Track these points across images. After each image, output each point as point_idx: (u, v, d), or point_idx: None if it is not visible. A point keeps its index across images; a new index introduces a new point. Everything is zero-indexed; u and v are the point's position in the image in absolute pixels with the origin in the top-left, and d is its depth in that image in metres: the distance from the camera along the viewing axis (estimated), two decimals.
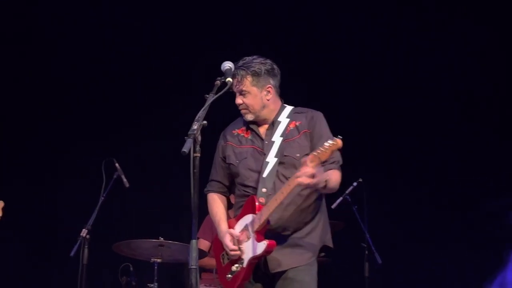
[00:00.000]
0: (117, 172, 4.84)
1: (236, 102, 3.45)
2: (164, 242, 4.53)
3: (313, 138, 3.41)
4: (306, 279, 3.35)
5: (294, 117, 3.49)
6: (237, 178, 3.51)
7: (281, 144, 3.41)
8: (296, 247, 3.36)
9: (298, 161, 3.30)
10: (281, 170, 3.36)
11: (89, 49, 6.35)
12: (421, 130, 6.33)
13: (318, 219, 3.46)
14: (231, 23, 6.34)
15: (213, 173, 3.62)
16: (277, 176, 3.36)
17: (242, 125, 3.56)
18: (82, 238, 4.60)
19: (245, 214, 3.40)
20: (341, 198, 5.03)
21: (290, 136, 3.43)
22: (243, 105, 3.44)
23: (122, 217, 5.50)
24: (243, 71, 3.40)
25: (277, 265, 3.32)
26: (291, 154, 3.38)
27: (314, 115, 3.50)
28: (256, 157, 3.44)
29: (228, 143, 3.54)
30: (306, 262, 3.37)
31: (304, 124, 3.46)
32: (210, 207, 3.61)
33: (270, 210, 3.22)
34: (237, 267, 3.37)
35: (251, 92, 3.42)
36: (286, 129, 3.45)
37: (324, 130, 3.43)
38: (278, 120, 3.49)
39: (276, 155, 3.39)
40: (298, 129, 3.45)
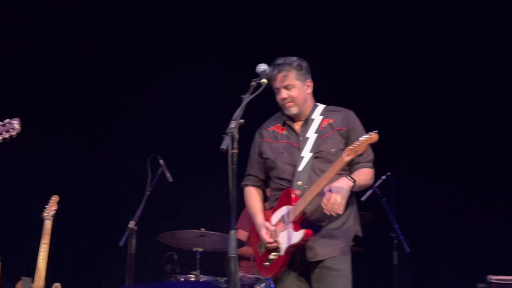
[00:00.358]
0: (161, 168, 4.87)
1: (280, 97, 3.43)
2: (205, 232, 4.57)
3: (349, 134, 3.41)
4: (342, 268, 3.34)
5: (327, 115, 3.49)
6: (272, 172, 3.50)
7: (316, 140, 3.40)
8: (331, 238, 3.35)
9: (334, 156, 3.32)
10: (316, 164, 3.36)
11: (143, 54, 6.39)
12: (450, 126, 6.26)
13: (350, 211, 3.44)
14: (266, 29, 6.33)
15: (249, 168, 3.63)
16: (312, 170, 3.36)
17: (277, 122, 3.56)
18: (130, 229, 4.65)
19: (281, 206, 3.39)
20: (371, 191, 4.98)
21: (324, 133, 3.42)
22: (289, 98, 3.42)
23: (166, 209, 5.54)
24: (288, 66, 3.42)
25: (315, 255, 3.32)
26: (326, 149, 3.38)
27: (348, 114, 3.50)
28: (291, 151, 3.43)
29: (264, 140, 3.54)
30: (342, 252, 3.36)
31: (338, 121, 3.45)
32: (247, 200, 3.62)
33: (306, 201, 3.22)
34: (275, 255, 3.37)
35: (296, 85, 3.43)
36: (320, 126, 3.45)
37: (358, 126, 3.44)
38: (311, 118, 3.48)
39: (311, 150, 3.39)
40: (332, 126, 3.44)
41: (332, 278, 3.31)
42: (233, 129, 2.91)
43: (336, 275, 3.32)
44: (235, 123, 2.94)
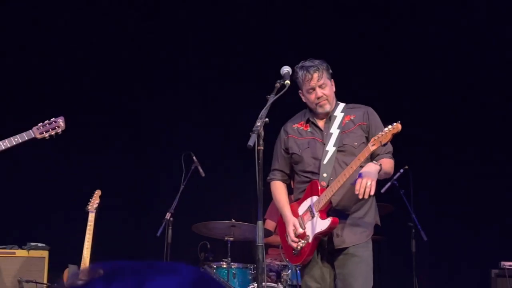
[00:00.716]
0: (194, 163, 4.90)
1: (316, 96, 3.43)
2: (235, 223, 4.59)
3: (370, 128, 3.44)
4: (364, 255, 3.36)
5: (348, 112, 3.50)
6: (298, 166, 3.52)
7: (339, 135, 3.42)
8: (356, 226, 3.37)
9: (356, 149, 3.34)
10: (340, 157, 3.38)
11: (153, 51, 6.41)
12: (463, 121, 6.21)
13: (371, 201, 3.47)
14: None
15: (275, 163, 3.64)
16: (336, 163, 3.38)
17: (301, 120, 3.57)
18: (166, 220, 4.69)
19: (308, 197, 3.42)
20: (390, 183, 4.96)
21: (346, 128, 3.44)
22: (324, 96, 3.45)
23: (199, 202, 5.56)
24: (322, 66, 3.44)
25: (342, 242, 3.34)
26: (349, 143, 3.41)
27: (368, 110, 3.52)
28: (316, 146, 3.45)
29: (290, 136, 3.55)
30: (365, 240, 3.39)
31: (359, 117, 3.48)
32: (273, 193, 3.64)
33: (332, 191, 3.25)
34: (303, 243, 3.38)
35: (328, 84, 3.47)
36: (342, 122, 3.47)
37: (378, 121, 3.47)
38: (334, 115, 3.50)
39: (334, 145, 3.40)
40: (354, 122, 3.46)
41: (355, 264, 3.32)
42: (259, 127, 2.94)
43: (359, 261, 3.33)
44: (260, 121, 2.96)
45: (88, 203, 4.92)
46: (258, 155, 2.93)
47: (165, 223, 4.70)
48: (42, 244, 4.99)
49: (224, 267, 4.76)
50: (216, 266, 4.82)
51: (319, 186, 3.35)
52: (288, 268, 4.82)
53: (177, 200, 4.73)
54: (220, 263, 4.82)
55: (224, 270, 4.75)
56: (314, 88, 3.42)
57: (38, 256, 4.92)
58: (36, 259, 4.90)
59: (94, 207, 4.90)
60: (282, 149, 3.59)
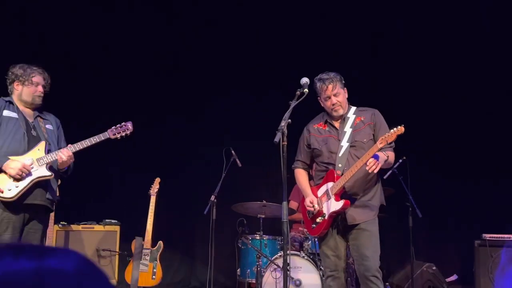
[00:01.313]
0: (233, 156, 4.91)
1: (331, 103, 3.40)
2: (266, 203, 4.59)
3: (375, 127, 3.40)
4: (373, 229, 3.33)
5: (359, 114, 3.47)
6: (318, 158, 3.50)
7: (351, 133, 3.39)
8: (365, 207, 3.34)
9: (365, 144, 3.32)
10: (352, 151, 3.35)
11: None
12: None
13: (377, 186, 3.43)
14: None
15: (298, 155, 3.64)
16: (349, 155, 3.35)
17: (320, 121, 3.55)
18: (211, 201, 4.71)
19: (325, 183, 3.41)
20: (391, 171, 4.89)
21: (357, 127, 3.41)
22: (337, 103, 3.41)
23: (237, 186, 5.56)
24: (336, 78, 3.41)
25: (353, 219, 3.31)
26: (360, 139, 3.37)
27: (374, 112, 3.48)
28: (333, 142, 3.43)
29: (311, 134, 3.53)
30: (372, 218, 3.36)
31: (367, 118, 3.44)
32: (297, 178, 3.64)
33: (346, 179, 3.24)
34: (320, 219, 3.39)
35: (341, 93, 3.42)
36: (354, 122, 3.44)
37: (382, 121, 3.43)
38: (347, 116, 3.47)
39: (348, 141, 3.38)
40: (363, 122, 3.42)
41: (366, 237, 3.30)
42: (283, 126, 2.93)
43: (369, 234, 3.31)
44: (284, 122, 2.95)
45: (150, 188, 4.98)
46: (283, 149, 2.92)
47: (210, 204, 4.72)
48: (115, 221, 5.07)
49: (257, 238, 4.77)
50: (251, 238, 4.82)
51: (335, 174, 3.34)
52: (308, 239, 4.81)
53: (220, 186, 4.74)
54: (254, 235, 4.83)
55: (257, 241, 4.76)
56: (329, 97, 3.40)
57: (112, 230, 5.00)
58: (110, 232, 4.98)
59: (155, 191, 4.96)
60: (305, 145, 3.57)
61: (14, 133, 3.32)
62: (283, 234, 2.94)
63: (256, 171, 5.86)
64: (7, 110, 3.36)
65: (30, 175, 3.26)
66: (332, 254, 3.41)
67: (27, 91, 3.43)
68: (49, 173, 3.33)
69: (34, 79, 3.44)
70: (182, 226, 6.14)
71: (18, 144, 3.31)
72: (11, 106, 3.40)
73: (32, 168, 3.26)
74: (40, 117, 3.51)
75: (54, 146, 3.50)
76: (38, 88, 3.45)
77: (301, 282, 4.41)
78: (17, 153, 3.29)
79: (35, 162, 3.29)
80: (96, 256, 4.85)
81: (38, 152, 3.33)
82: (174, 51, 6.27)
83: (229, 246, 5.30)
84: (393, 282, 5.53)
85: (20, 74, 3.42)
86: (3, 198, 3.19)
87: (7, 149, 3.27)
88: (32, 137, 3.37)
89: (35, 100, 3.46)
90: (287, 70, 5.83)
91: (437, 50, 6.18)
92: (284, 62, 6.15)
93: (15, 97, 3.45)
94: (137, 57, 6.07)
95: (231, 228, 5.11)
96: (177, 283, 6.08)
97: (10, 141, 3.29)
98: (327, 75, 3.42)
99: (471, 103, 6.10)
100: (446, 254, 6.06)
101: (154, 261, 4.87)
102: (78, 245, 4.83)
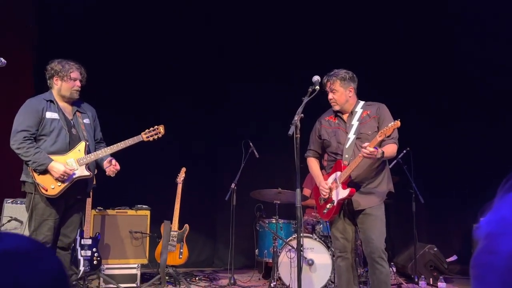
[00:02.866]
0: (251, 148, 4.91)
1: (328, 98, 3.41)
2: (281, 190, 4.58)
3: (380, 120, 3.34)
4: (378, 214, 3.30)
5: (366, 108, 3.42)
6: (328, 148, 3.48)
7: (358, 126, 3.35)
8: (370, 194, 3.30)
9: (370, 136, 3.28)
10: (358, 143, 3.31)
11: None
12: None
13: (383, 175, 3.37)
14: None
15: (310, 145, 3.62)
16: (355, 147, 3.32)
17: (331, 114, 3.52)
18: (232, 189, 4.73)
19: (334, 172, 3.38)
20: (395, 161, 4.85)
21: (364, 121, 3.36)
22: (333, 99, 3.40)
23: (255, 175, 5.56)
24: (335, 77, 3.39)
25: (358, 205, 3.29)
26: (365, 132, 3.33)
27: (380, 106, 3.42)
28: (341, 134, 3.40)
29: (323, 126, 3.51)
30: (378, 203, 3.31)
31: (373, 112, 3.38)
32: (309, 166, 3.62)
33: (351, 168, 3.21)
34: (330, 205, 3.37)
35: (339, 91, 3.38)
36: (361, 116, 3.39)
37: (387, 115, 3.35)
38: (355, 110, 3.42)
39: (354, 133, 3.34)
40: (369, 116, 3.37)
41: (371, 221, 3.27)
42: (296, 120, 2.91)
43: (374, 219, 3.27)
44: (297, 116, 2.93)
45: (177, 176, 5.00)
46: (296, 141, 2.91)
47: (231, 191, 4.74)
48: (146, 206, 5.10)
49: (273, 222, 4.77)
50: (268, 221, 4.83)
51: (342, 164, 3.31)
52: (320, 223, 4.80)
53: (239, 174, 4.75)
54: (271, 219, 4.83)
55: (273, 225, 4.76)
56: (328, 92, 3.40)
57: (143, 214, 5.03)
58: (141, 217, 5.02)
59: (181, 180, 4.98)
60: (317, 136, 3.55)
61: (57, 133, 3.33)
62: (297, 218, 2.93)
63: (272, 161, 5.85)
64: (49, 111, 3.35)
65: (72, 175, 3.31)
66: (341, 237, 3.39)
67: (66, 86, 3.42)
68: (88, 173, 3.38)
69: (72, 75, 3.42)
70: (205, 210, 6.17)
71: (60, 144, 3.33)
72: (52, 105, 3.39)
73: (73, 169, 3.30)
74: (78, 111, 3.52)
75: (91, 141, 3.53)
76: (76, 83, 3.44)
77: (314, 261, 4.41)
78: (60, 152, 3.32)
79: (75, 162, 3.34)
80: (129, 237, 4.91)
81: (79, 153, 3.36)
82: (189, 46, 6.19)
83: (248, 229, 5.32)
84: (397, 262, 5.49)
85: (59, 70, 3.40)
86: (47, 195, 3.26)
87: (51, 148, 3.30)
88: (72, 135, 3.40)
89: (73, 95, 3.46)
90: (295, 67, 5.81)
91: (436, 50, 6.07)
92: (294, 60, 6.10)
93: (54, 92, 3.44)
94: (157, 57, 6.07)
95: (250, 212, 5.13)
96: (201, 262, 6.12)
97: (54, 141, 3.32)
98: (333, 72, 3.41)
99: (471, 102, 5.99)
100: (447, 236, 5.99)
101: (180, 242, 4.91)
102: (113, 227, 4.88)
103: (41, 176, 3.24)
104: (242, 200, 4.88)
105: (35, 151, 3.23)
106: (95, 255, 4.48)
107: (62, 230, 3.42)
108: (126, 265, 4.78)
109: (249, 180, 5.12)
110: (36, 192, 3.25)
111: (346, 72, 3.42)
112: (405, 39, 6.17)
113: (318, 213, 3.68)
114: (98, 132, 3.66)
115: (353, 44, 6.07)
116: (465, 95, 5.97)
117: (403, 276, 5.33)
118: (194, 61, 6.17)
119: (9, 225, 4.40)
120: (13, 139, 3.25)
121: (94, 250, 4.49)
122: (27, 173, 3.29)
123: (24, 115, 3.30)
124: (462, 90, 5.99)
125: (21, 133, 3.24)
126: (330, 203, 3.36)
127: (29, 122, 3.27)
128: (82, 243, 4.47)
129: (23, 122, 3.27)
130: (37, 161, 3.21)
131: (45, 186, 3.23)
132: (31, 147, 3.24)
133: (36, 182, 3.24)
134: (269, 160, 5.56)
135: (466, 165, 5.87)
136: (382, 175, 3.36)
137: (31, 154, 3.21)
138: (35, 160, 3.21)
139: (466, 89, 5.96)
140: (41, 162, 3.21)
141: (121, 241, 4.88)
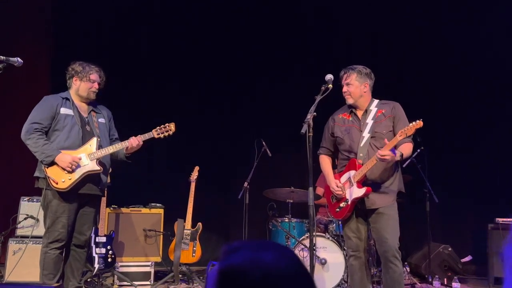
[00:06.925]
0: (264, 147, 4.89)
1: (343, 90, 3.40)
2: (294, 189, 4.56)
3: (395, 120, 3.31)
4: (391, 213, 3.26)
5: (381, 107, 3.38)
6: (341, 146, 3.45)
7: (373, 125, 3.32)
8: (383, 193, 3.27)
9: (384, 135, 3.24)
10: (373, 142, 3.29)
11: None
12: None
13: (395, 174, 3.34)
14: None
15: (323, 142, 3.60)
16: (370, 146, 3.29)
17: (345, 111, 3.49)
18: (245, 187, 4.71)
19: (348, 171, 3.35)
20: (410, 160, 4.79)
21: (378, 119, 3.33)
22: (347, 92, 3.38)
23: (268, 174, 5.55)
24: (352, 70, 3.38)
25: (372, 204, 3.26)
26: (380, 131, 3.30)
27: (395, 105, 3.38)
28: (355, 132, 3.37)
29: (336, 124, 3.48)
30: (391, 203, 3.29)
31: (388, 111, 3.35)
32: (321, 164, 3.60)
33: (367, 167, 3.18)
34: (344, 204, 3.34)
35: (354, 84, 3.36)
36: (375, 114, 3.36)
37: (402, 115, 3.33)
38: (370, 109, 3.39)
39: (369, 132, 3.31)
40: (384, 115, 3.34)
41: (385, 220, 3.24)
42: (309, 119, 2.90)
43: (388, 218, 3.24)
44: (310, 115, 2.91)
45: (190, 175, 5.01)
46: (309, 140, 2.89)
47: (244, 190, 4.72)
48: (159, 204, 5.13)
49: (286, 221, 4.75)
50: (280, 220, 4.81)
51: (356, 163, 3.28)
52: (333, 222, 4.77)
53: (252, 173, 4.74)
54: (283, 218, 4.81)
55: (286, 224, 4.74)
56: (343, 85, 3.38)
57: (157, 212, 5.06)
58: (155, 215, 5.05)
59: (194, 178, 4.99)
60: (329, 133, 3.53)
61: (70, 129, 3.39)
62: (310, 217, 2.91)
63: (285, 160, 5.83)
64: (64, 107, 3.43)
65: (80, 167, 3.33)
66: (354, 236, 3.37)
67: (84, 87, 3.51)
68: (98, 167, 3.41)
69: (91, 77, 3.52)
70: (218, 209, 6.17)
71: (73, 139, 3.38)
72: (67, 102, 3.47)
73: (80, 159, 3.33)
74: (93, 111, 3.57)
75: (105, 139, 3.57)
76: (94, 85, 3.54)
77: (326, 261, 4.39)
78: (73, 147, 3.37)
79: (86, 157, 3.37)
80: (143, 235, 4.93)
81: (90, 148, 3.40)
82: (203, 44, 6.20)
83: (261, 227, 5.29)
84: (411, 262, 5.43)
85: (79, 71, 3.51)
86: (58, 188, 3.28)
87: (64, 143, 3.35)
88: (86, 132, 3.45)
89: (90, 95, 3.54)
90: (308, 65, 5.78)
91: (435, 50, 5.99)
92: (306, 58, 6.07)
93: (72, 91, 3.53)
94: (171, 56, 6.09)
95: (262, 211, 5.11)
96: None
97: (67, 136, 3.37)
98: (351, 66, 3.40)
99: (473, 101, 5.91)
100: (461, 236, 5.90)
101: (194, 240, 4.92)
102: (127, 226, 4.92)
103: (51, 170, 3.28)
104: (255, 199, 4.87)
105: (43, 142, 3.28)
106: (109, 252, 4.51)
107: (77, 227, 3.46)
108: (140, 263, 4.82)
109: (261, 179, 5.10)
110: (48, 187, 3.30)
111: (364, 67, 3.40)
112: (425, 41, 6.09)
113: (330, 212, 3.65)
114: (114, 132, 3.70)
115: (371, 45, 6.03)
116: (481, 95, 5.88)
117: (417, 276, 5.27)
118: (207, 59, 6.19)
119: (25, 222, 4.47)
120: (24, 130, 3.32)
121: (109, 248, 4.53)
122: (40, 169, 3.34)
123: (38, 110, 3.37)
124: (476, 89, 5.90)
125: (32, 125, 3.31)
126: (343, 202, 3.34)
127: (42, 116, 3.34)
128: (97, 241, 4.51)
129: (36, 115, 3.35)
130: (45, 152, 3.25)
131: (55, 179, 3.26)
132: (40, 138, 3.29)
133: (47, 175, 3.28)
134: (281, 158, 5.54)
135: (481, 164, 5.78)
136: (394, 174, 3.34)
137: (39, 145, 3.26)
138: (43, 151, 3.25)
139: (481, 89, 5.87)
140: (49, 153, 3.25)
141: (135, 239, 4.91)
